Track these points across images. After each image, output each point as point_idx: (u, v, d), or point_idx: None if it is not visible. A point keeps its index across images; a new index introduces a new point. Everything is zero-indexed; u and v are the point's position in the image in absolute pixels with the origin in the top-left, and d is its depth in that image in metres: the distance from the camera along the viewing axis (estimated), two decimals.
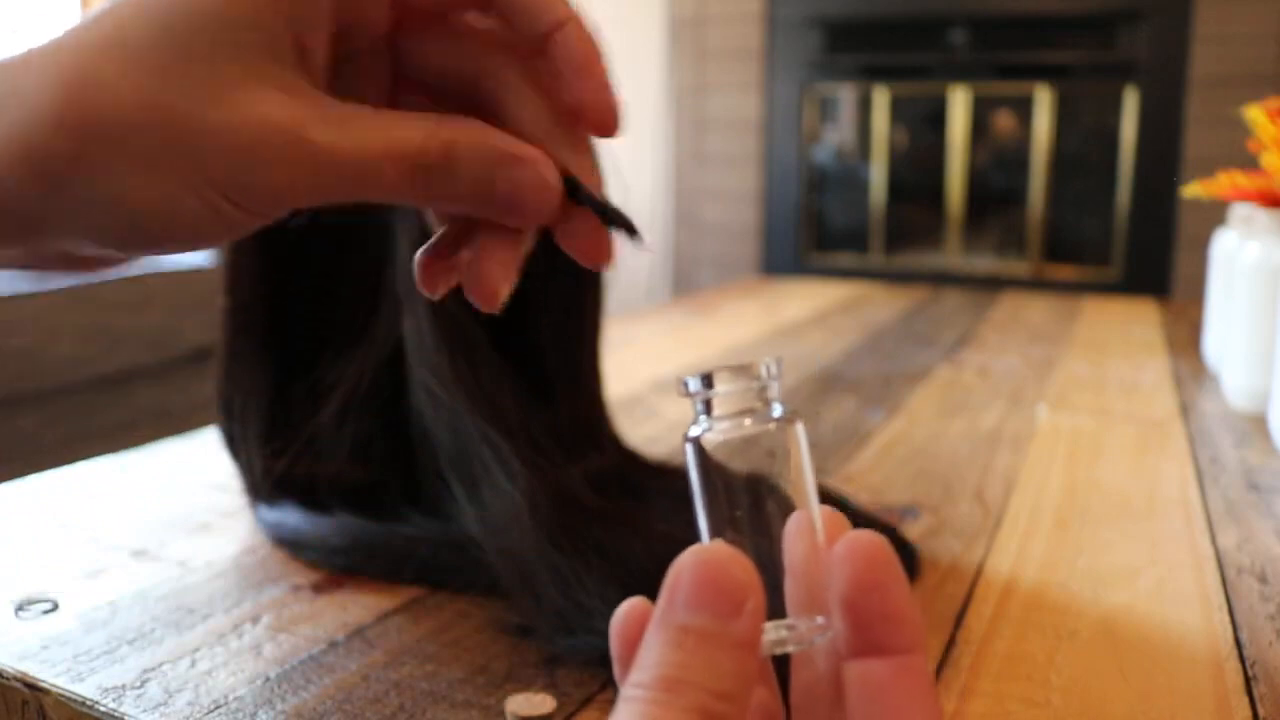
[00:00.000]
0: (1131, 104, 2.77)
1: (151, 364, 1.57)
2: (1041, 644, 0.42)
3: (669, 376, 0.91)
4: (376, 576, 0.47)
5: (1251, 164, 0.84)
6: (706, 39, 3.21)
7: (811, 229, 3.23)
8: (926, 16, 2.98)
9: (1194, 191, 0.90)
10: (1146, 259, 2.79)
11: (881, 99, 3.08)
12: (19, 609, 0.44)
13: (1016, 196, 2.97)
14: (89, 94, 0.22)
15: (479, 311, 0.27)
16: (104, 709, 0.37)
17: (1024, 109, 2.93)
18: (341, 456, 0.51)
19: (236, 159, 0.23)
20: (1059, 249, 2.95)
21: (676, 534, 0.23)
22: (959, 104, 2.98)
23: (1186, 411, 0.81)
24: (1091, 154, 2.90)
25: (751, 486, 0.23)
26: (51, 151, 0.22)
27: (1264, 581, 0.49)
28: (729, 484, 0.23)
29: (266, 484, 0.52)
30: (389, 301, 0.50)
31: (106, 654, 0.40)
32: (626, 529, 0.44)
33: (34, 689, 0.38)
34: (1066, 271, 2.93)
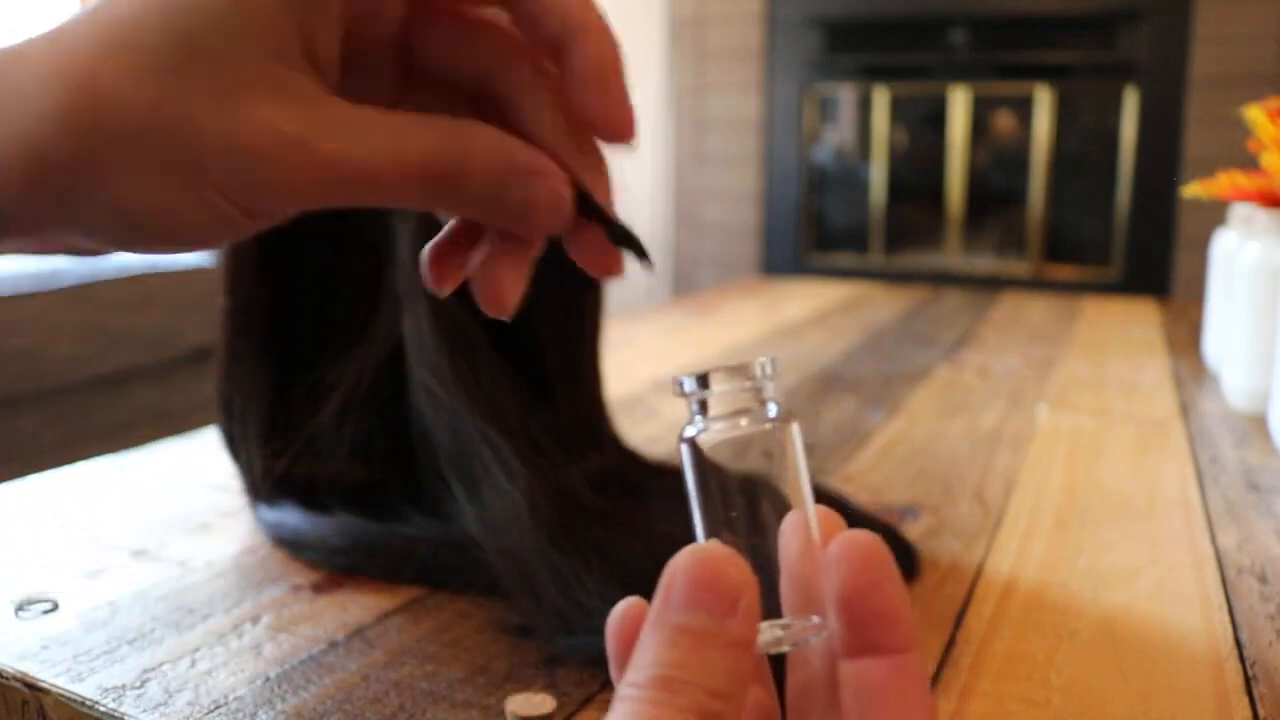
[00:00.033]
0: (1131, 104, 2.77)
1: (151, 364, 1.57)
2: (1041, 644, 0.42)
3: (669, 376, 0.91)
4: (376, 576, 0.47)
5: (1251, 164, 0.84)
6: (706, 39, 3.21)
7: (811, 229, 3.23)
8: (926, 16, 2.97)
9: (1194, 191, 0.90)
10: (1146, 259, 2.78)
11: (881, 99, 3.08)
12: (19, 609, 0.44)
13: (1016, 196, 2.97)
14: (95, 97, 0.22)
15: (479, 311, 0.27)
16: (104, 709, 0.37)
17: (1024, 109, 2.93)
18: (341, 456, 0.51)
19: (243, 168, 0.22)
20: (1059, 249, 2.95)
21: (676, 534, 0.23)
22: (959, 104, 2.98)
23: (1186, 411, 0.81)
24: (1091, 154, 2.90)
25: (747, 487, 0.23)
26: (56, 155, 0.22)
27: (1264, 581, 0.49)
28: (724, 484, 0.23)
29: (266, 484, 0.52)
30: (389, 301, 0.50)
31: (106, 654, 0.40)
32: (626, 529, 0.44)
33: (34, 689, 0.38)
34: (1066, 271, 2.93)
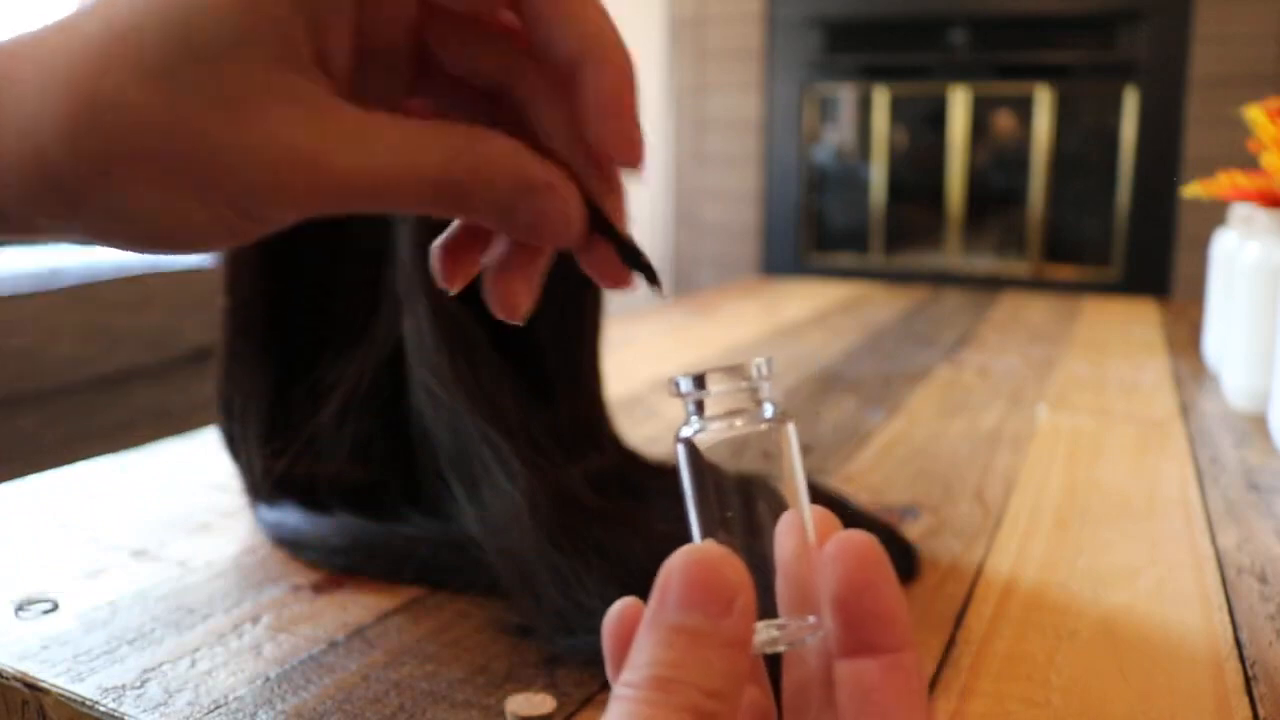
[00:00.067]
0: (1131, 104, 2.77)
1: (151, 364, 1.57)
2: (1041, 644, 0.42)
3: (669, 376, 0.90)
4: (376, 576, 0.47)
5: (1251, 164, 0.84)
6: (706, 39, 3.21)
7: (811, 229, 3.23)
8: (926, 16, 2.97)
9: (1194, 191, 0.90)
10: (1146, 259, 2.78)
11: (881, 99, 3.08)
12: (19, 609, 0.44)
13: (1016, 196, 2.97)
14: (102, 106, 0.22)
15: (479, 311, 0.27)
16: (104, 709, 0.37)
17: (1024, 109, 2.93)
18: (341, 456, 0.51)
19: (251, 179, 0.22)
20: (1059, 249, 2.95)
21: (677, 534, 0.23)
22: (959, 104, 2.97)
23: (1186, 411, 0.81)
24: (1091, 154, 2.90)
25: (743, 487, 0.23)
26: (61, 162, 0.22)
27: (1264, 581, 0.49)
28: (720, 484, 0.23)
29: (266, 484, 0.52)
30: (389, 301, 0.50)
31: (106, 654, 0.40)
32: (626, 529, 0.44)
33: (34, 689, 0.38)
34: (1066, 271, 2.93)
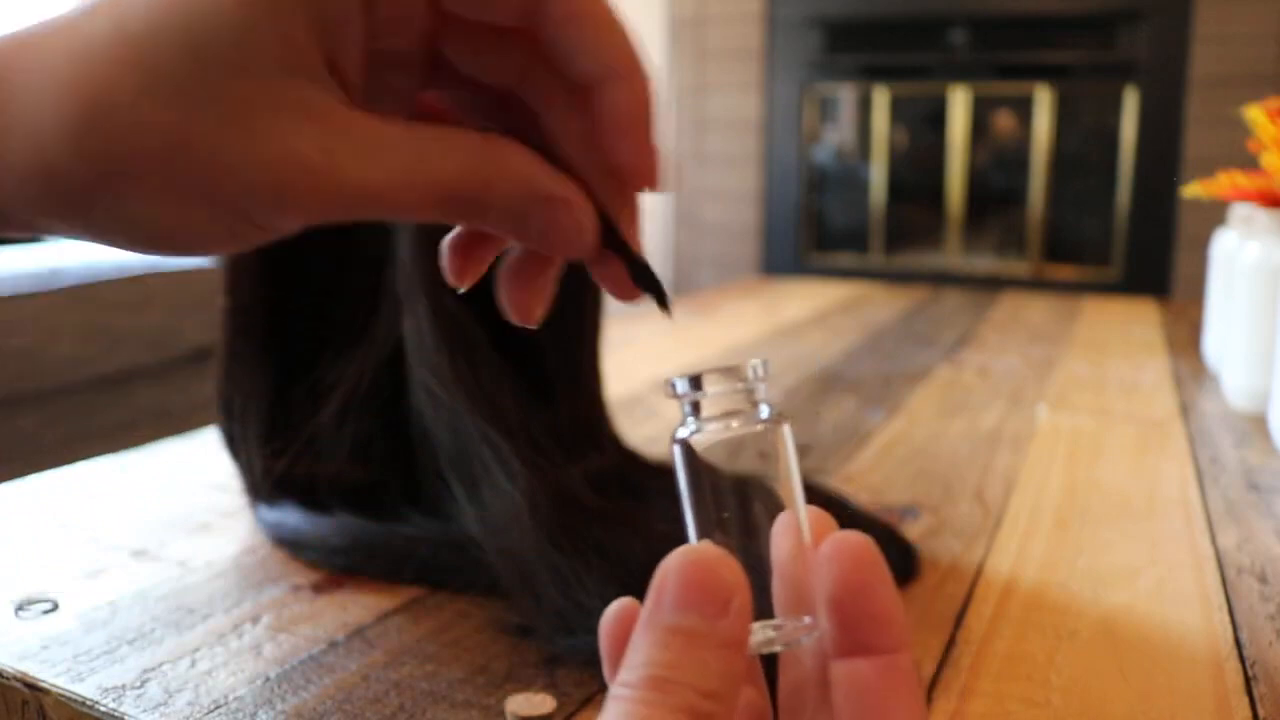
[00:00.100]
0: (1131, 104, 2.77)
1: (151, 364, 1.57)
2: (1041, 644, 0.42)
3: (666, 377, 0.90)
4: (376, 576, 0.47)
5: (1251, 164, 0.84)
6: (706, 39, 3.21)
7: (811, 229, 3.23)
8: (926, 16, 2.97)
9: (1194, 191, 0.90)
10: (1146, 259, 2.78)
11: (881, 99, 3.08)
12: (19, 609, 0.44)
13: (1016, 196, 2.97)
14: (112, 117, 0.22)
15: (479, 311, 0.27)
16: (104, 709, 0.37)
17: (1024, 109, 2.93)
18: (341, 456, 0.51)
19: (261, 191, 0.22)
20: (1059, 249, 2.95)
21: (676, 534, 0.23)
22: (959, 104, 2.97)
23: (1186, 411, 0.81)
24: (1091, 154, 2.90)
25: (739, 487, 0.23)
26: (70, 171, 0.22)
27: (1264, 581, 0.49)
28: (716, 485, 0.23)
29: (266, 484, 0.52)
30: (389, 301, 0.50)
31: (106, 654, 0.40)
32: (626, 529, 0.44)
33: (34, 689, 0.38)
34: (1066, 271, 2.93)
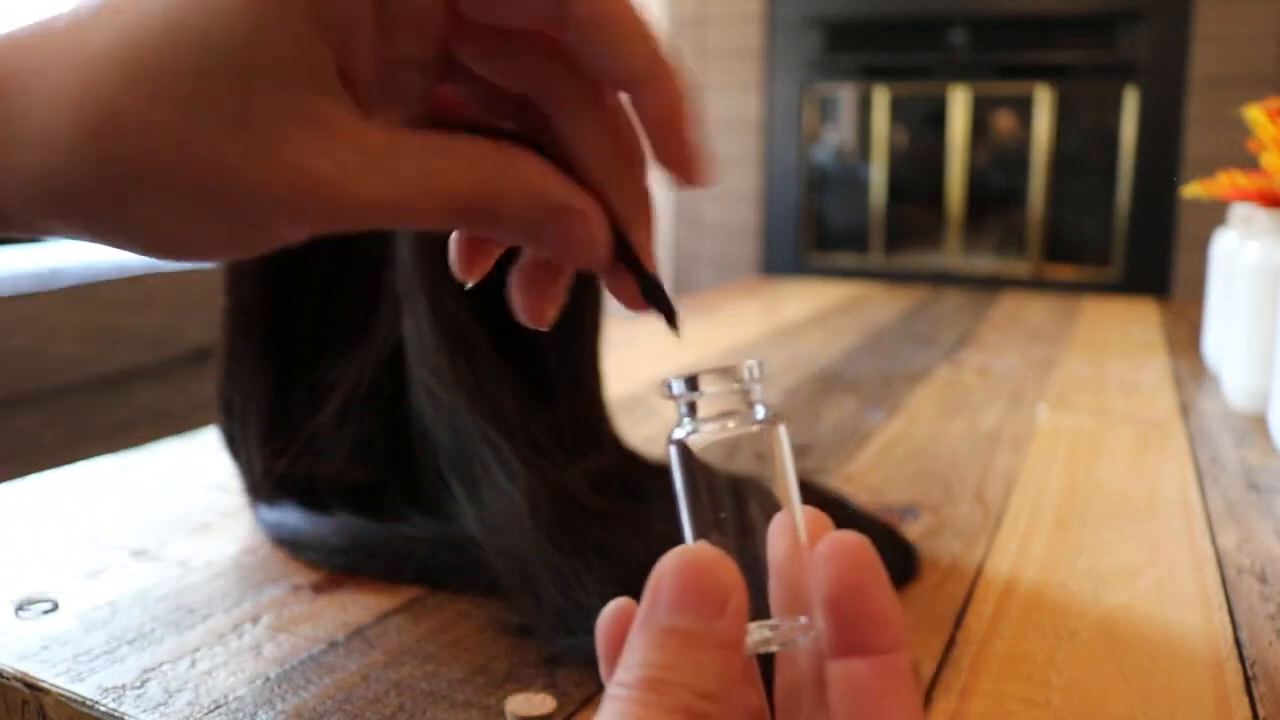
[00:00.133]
0: (1131, 104, 2.77)
1: (151, 364, 1.57)
2: (1041, 644, 0.42)
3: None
4: (376, 576, 0.47)
5: (1251, 164, 0.84)
6: (706, 39, 3.21)
7: (811, 229, 3.23)
8: (926, 16, 2.97)
9: (1194, 191, 0.90)
10: (1146, 259, 2.78)
11: (881, 99, 3.08)
12: (19, 609, 0.44)
13: (1016, 196, 2.97)
14: (120, 130, 0.21)
15: (479, 311, 0.27)
16: (104, 709, 0.37)
17: (1024, 109, 2.93)
18: (341, 456, 0.51)
19: (270, 205, 0.22)
20: (1059, 249, 2.95)
21: (676, 534, 0.23)
22: (959, 104, 2.97)
23: (1186, 411, 0.81)
24: (1091, 154, 2.90)
25: (735, 488, 0.23)
26: (76, 182, 0.22)
27: (1264, 581, 0.49)
28: (713, 486, 0.23)
29: (266, 484, 0.52)
30: (389, 301, 0.50)
31: (106, 654, 0.40)
32: (626, 529, 0.44)
33: (34, 689, 0.38)
34: (1066, 271, 2.93)
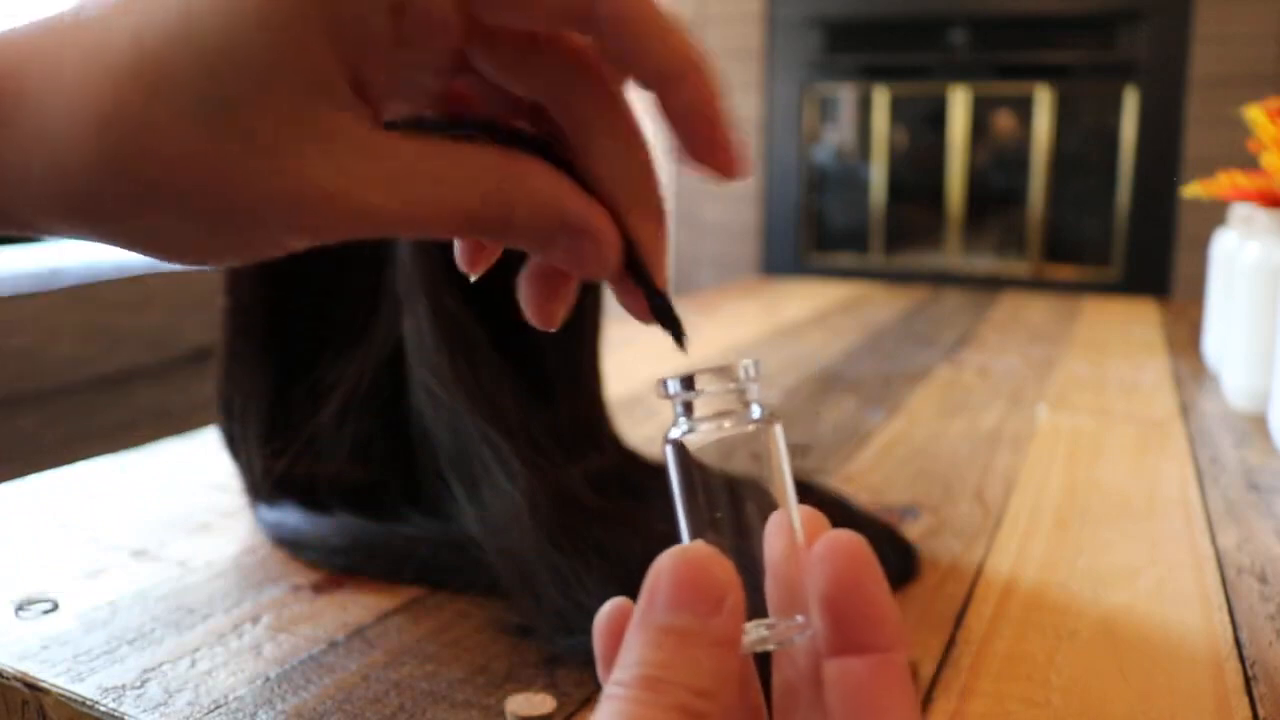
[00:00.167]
0: (1131, 104, 2.77)
1: (151, 364, 1.57)
2: (1041, 644, 0.42)
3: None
4: (376, 576, 0.47)
5: (1251, 164, 0.84)
6: (706, 39, 3.21)
7: (811, 229, 3.23)
8: (926, 16, 2.97)
9: (1194, 191, 0.90)
10: (1146, 259, 2.78)
11: (881, 99, 3.08)
12: (19, 609, 0.44)
13: (1016, 196, 2.97)
14: (134, 143, 0.21)
15: (479, 311, 0.27)
16: (104, 709, 0.37)
17: (1024, 109, 2.93)
18: (341, 456, 0.51)
19: (282, 218, 0.22)
20: (1059, 249, 2.95)
21: (676, 534, 0.23)
22: (959, 104, 2.97)
23: (1186, 411, 0.81)
24: (1091, 154, 2.90)
25: (732, 487, 0.23)
26: (89, 190, 0.22)
27: (1264, 581, 0.49)
28: (709, 485, 0.23)
29: (266, 484, 0.52)
30: (389, 301, 0.50)
31: (106, 654, 0.40)
32: (626, 529, 0.44)
33: (34, 689, 0.38)
34: (1066, 271, 2.93)
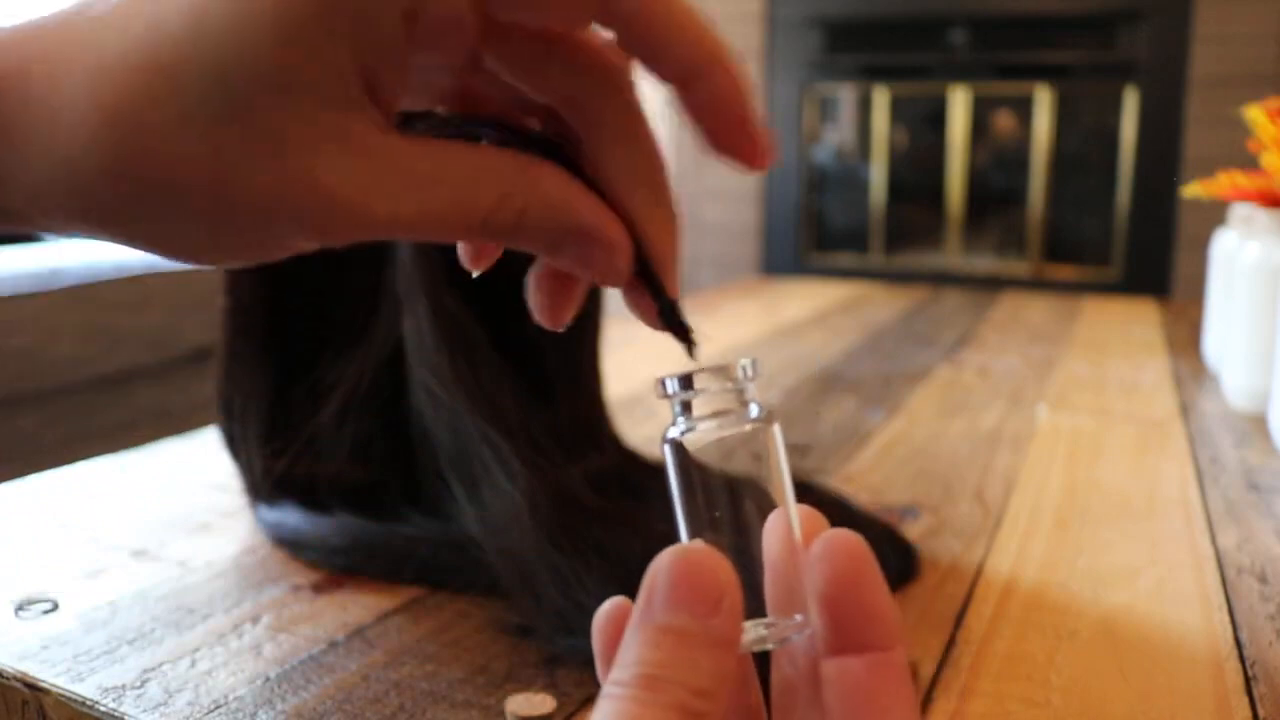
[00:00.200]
0: (1131, 104, 2.77)
1: (151, 364, 1.57)
2: (1041, 644, 0.42)
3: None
4: (376, 576, 0.47)
5: (1251, 164, 0.84)
6: None
7: (811, 229, 3.23)
8: (926, 16, 2.98)
9: (1194, 191, 0.90)
10: (1146, 259, 2.78)
11: (881, 99, 3.08)
12: (19, 609, 0.44)
13: (1016, 196, 2.97)
14: (144, 148, 0.21)
15: (479, 311, 0.27)
16: (104, 709, 0.37)
17: (1024, 109, 2.93)
18: (341, 456, 0.51)
19: (292, 225, 0.22)
20: (1059, 249, 2.95)
21: (675, 534, 0.23)
22: (959, 104, 2.97)
23: (1186, 411, 0.81)
24: (1091, 154, 2.90)
25: (730, 486, 0.23)
26: (97, 192, 0.22)
27: (1264, 581, 0.49)
28: (707, 485, 0.23)
29: (266, 484, 0.52)
30: (389, 301, 0.50)
31: (106, 654, 0.40)
32: (626, 529, 0.44)
33: (34, 689, 0.38)
34: (1066, 271, 2.93)
